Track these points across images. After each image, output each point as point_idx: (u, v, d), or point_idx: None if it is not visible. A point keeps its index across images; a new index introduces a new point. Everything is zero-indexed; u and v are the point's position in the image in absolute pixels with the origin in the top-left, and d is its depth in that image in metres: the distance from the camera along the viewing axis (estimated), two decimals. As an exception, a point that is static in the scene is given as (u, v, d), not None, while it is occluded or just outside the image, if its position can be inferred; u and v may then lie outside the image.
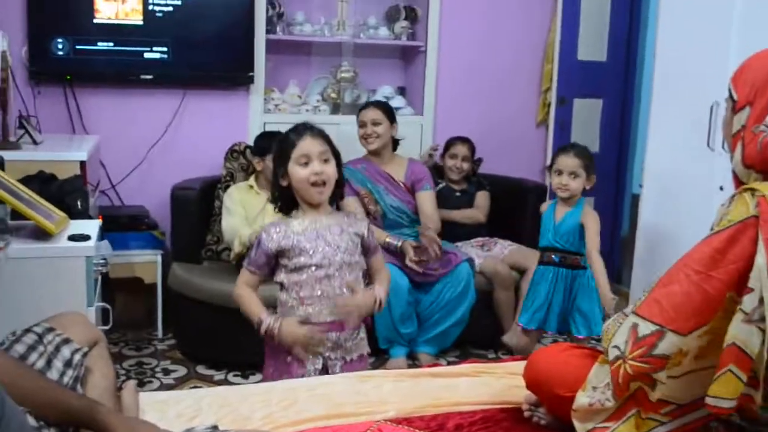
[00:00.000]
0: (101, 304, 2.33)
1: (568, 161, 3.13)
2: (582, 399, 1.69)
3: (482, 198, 4.20)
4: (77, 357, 1.63)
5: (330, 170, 2.20)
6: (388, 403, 1.96)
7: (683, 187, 3.42)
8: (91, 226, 2.43)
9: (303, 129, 2.23)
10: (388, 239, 3.61)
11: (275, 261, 2.22)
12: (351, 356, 2.25)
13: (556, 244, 3.19)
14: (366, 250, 2.30)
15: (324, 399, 1.96)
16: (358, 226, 2.28)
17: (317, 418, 1.85)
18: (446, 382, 2.10)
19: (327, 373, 2.20)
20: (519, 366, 2.13)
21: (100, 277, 2.42)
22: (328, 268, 2.18)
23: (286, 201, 2.26)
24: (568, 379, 1.76)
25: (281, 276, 2.22)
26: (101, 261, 2.31)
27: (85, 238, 2.25)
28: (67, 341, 1.65)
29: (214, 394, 2.02)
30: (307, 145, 2.18)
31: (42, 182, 2.67)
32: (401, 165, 3.88)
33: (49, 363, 1.57)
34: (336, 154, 2.25)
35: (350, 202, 3.66)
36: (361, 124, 3.83)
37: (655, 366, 1.59)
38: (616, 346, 1.65)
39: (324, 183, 2.18)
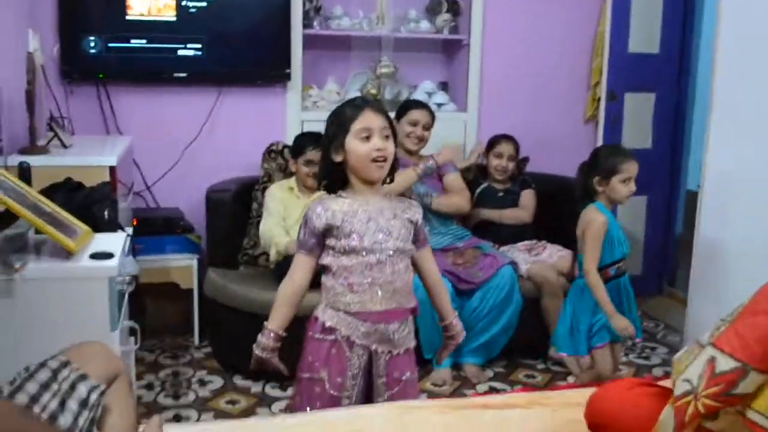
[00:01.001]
0: (129, 323, 2.19)
1: (635, 168, 2.87)
2: (653, 446, 1.52)
3: (528, 197, 4.01)
4: (94, 396, 1.49)
5: (391, 147, 2.04)
6: (434, 440, 1.80)
7: (747, 189, 3.18)
8: (117, 241, 2.28)
9: (363, 102, 2.07)
10: (421, 166, 3.55)
11: (323, 241, 2.06)
12: (398, 350, 2.08)
13: (626, 251, 2.93)
14: (416, 239, 2.13)
15: (364, 436, 1.80)
16: (412, 213, 2.11)
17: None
18: (496, 415, 1.92)
19: (371, 365, 2.05)
20: (576, 395, 1.96)
21: (127, 294, 2.28)
22: (380, 254, 2.01)
23: (336, 179, 2.09)
24: (638, 423, 1.58)
25: (328, 259, 2.04)
26: (126, 279, 2.17)
27: (108, 256, 2.10)
28: (83, 377, 1.51)
29: (244, 427, 1.88)
30: (369, 119, 2.01)
31: (68, 191, 2.54)
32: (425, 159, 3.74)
33: (63, 404, 1.44)
34: (394, 132, 2.08)
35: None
36: (413, 123, 3.69)
37: (732, 404, 1.45)
38: (687, 380, 1.51)
39: (385, 159, 2.03)
